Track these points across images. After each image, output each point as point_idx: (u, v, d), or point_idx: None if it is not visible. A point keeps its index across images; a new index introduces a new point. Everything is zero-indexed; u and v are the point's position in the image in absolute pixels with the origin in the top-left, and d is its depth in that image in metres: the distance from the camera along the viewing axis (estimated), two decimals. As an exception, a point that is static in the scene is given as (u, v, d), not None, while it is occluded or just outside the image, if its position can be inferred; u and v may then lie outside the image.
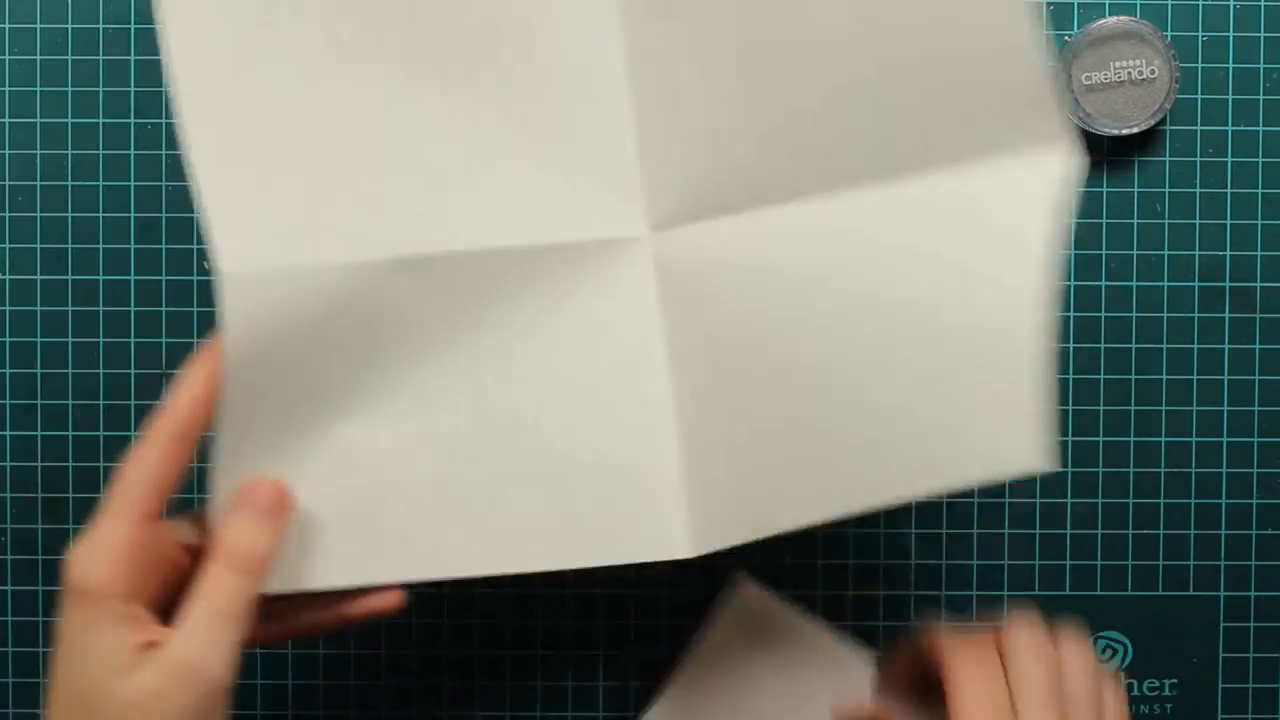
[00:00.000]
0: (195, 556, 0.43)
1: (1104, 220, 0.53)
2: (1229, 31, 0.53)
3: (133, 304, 0.53)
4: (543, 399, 0.44)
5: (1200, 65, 0.53)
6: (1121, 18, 0.52)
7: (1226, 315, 0.54)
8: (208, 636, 0.40)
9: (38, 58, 0.53)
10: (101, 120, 0.53)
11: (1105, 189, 0.53)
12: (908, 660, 0.46)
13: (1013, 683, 0.42)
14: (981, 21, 0.38)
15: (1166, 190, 0.54)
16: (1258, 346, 0.54)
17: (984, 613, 0.54)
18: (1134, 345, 0.54)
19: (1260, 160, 0.54)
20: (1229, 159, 0.54)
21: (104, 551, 0.41)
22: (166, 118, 0.50)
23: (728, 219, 0.42)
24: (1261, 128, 0.54)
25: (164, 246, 0.53)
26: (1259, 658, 0.54)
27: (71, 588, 0.40)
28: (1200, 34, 0.53)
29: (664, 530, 0.44)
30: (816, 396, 0.42)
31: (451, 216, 0.44)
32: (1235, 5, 0.53)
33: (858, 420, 0.42)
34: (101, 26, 0.53)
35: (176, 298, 0.54)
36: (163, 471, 0.42)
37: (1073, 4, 0.53)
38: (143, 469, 0.42)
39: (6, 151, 0.53)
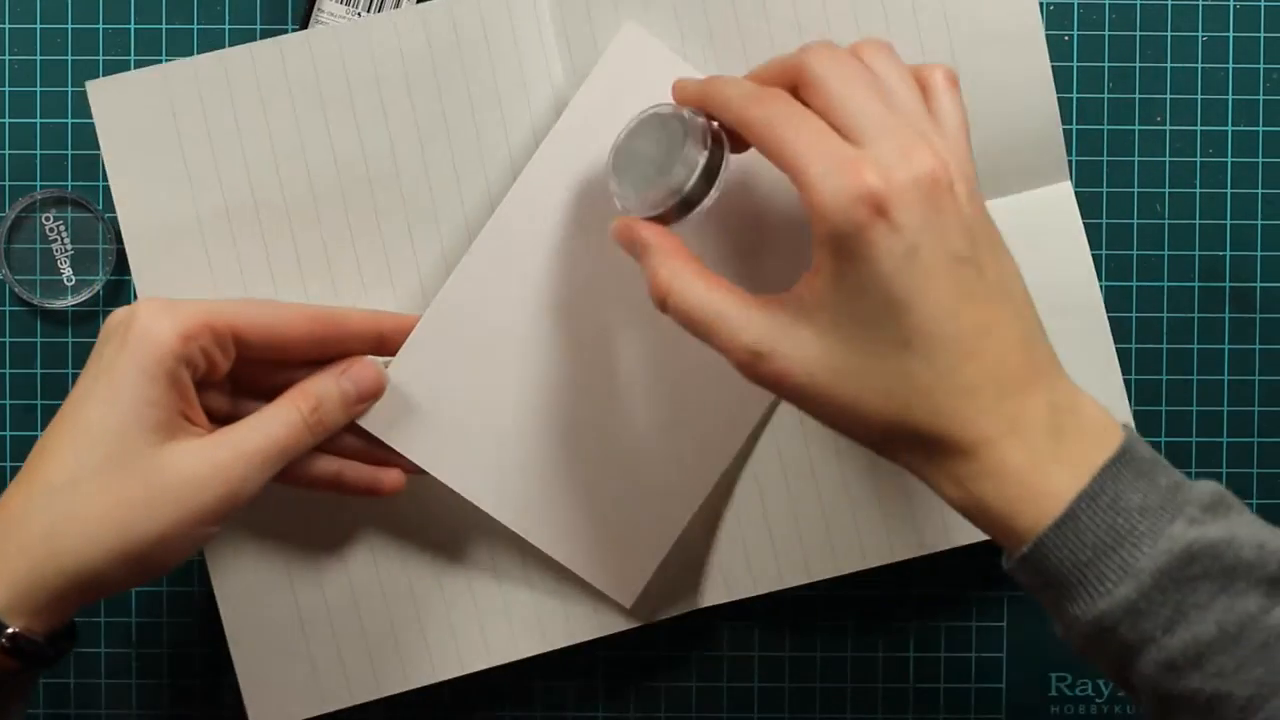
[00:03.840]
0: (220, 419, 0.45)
1: (1104, 220, 0.53)
2: (1229, 31, 0.53)
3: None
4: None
5: (1200, 65, 0.53)
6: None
7: (1226, 315, 0.54)
8: (257, 457, 0.42)
9: (38, 58, 0.53)
10: (101, 120, 0.53)
11: (1105, 189, 0.53)
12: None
13: (833, 112, 0.38)
14: (1012, 98, 0.49)
15: (1166, 190, 0.54)
16: (1258, 346, 0.54)
17: (982, 611, 0.54)
18: (1134, 345, 0.54)
19: (1260, 160, 0.54)
20: (1229, 159, 0.54)
21: (180, 317, 0.42)
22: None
23: None
24: (1261, 128, 0.53)
25: (164, 246, 0.53)
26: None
27: (133, 332, 0.41)
28: (1200, 34, 0.53)
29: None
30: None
31: None
32: (1235, 5, 0.53)
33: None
34: (101, 26, 0.53)
35: (176, 298, 0.53)
36: (274, 320, 0.43)
37: (1072, 4, 0.53)
38: (261, 307, 0.44)
39: (7, 151, 0.53)
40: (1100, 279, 0.53)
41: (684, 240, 0.42)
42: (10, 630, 0.39)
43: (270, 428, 0.43)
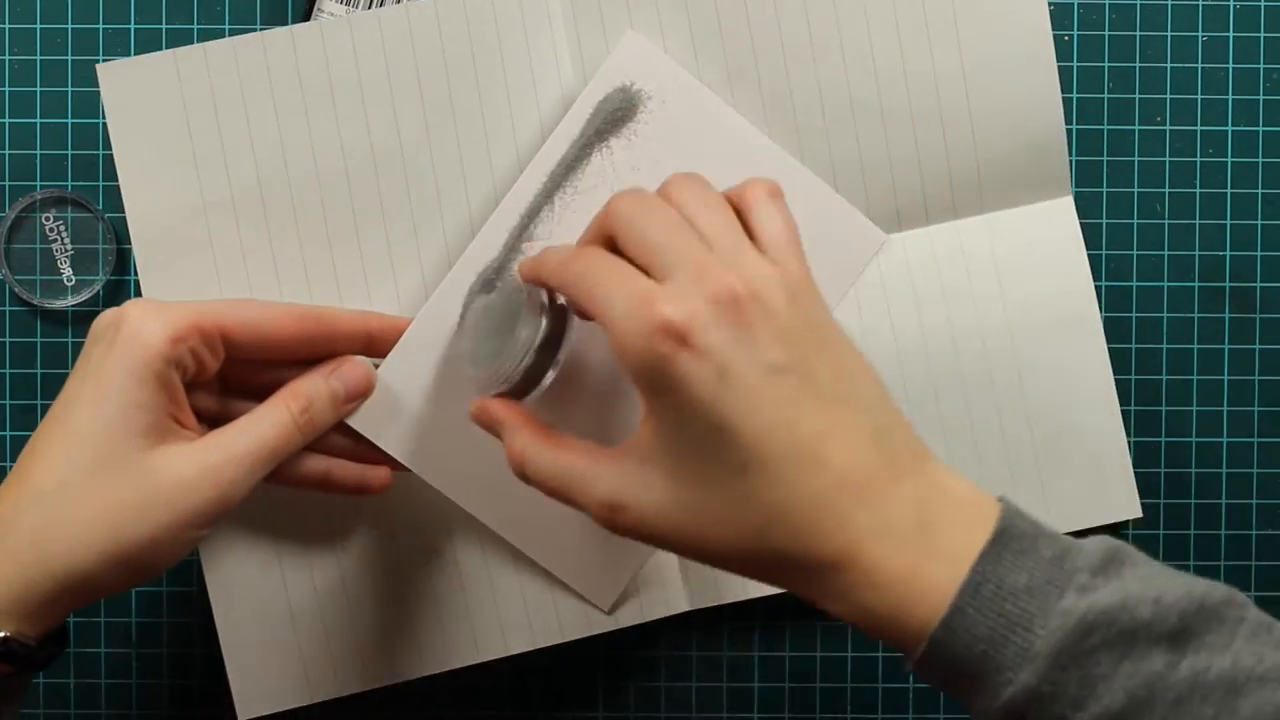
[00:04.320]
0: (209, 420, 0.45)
1: (1104, 220, 0.53)
2: (1229, 31, 0.53)
3: (132, 304, 0.53)
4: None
5: (1200, 65, 0.53)
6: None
7: (1226, 315, 0.54)
8: (247, 460, 0.42)
9: (38, 58, 0.53)
10: (101, 120, 0.53)
11: (1105, 189, 0.53)
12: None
13: (637, 253, 0.38)
14: (1019, 113, 0.51)
15: (1166, 190, 0.54)
16: (1258, 346, 0.54)
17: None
18: (1134, 345, 0.54)
19: (1260, 160, 0.54)
20: (1229, 159, 0.54)
21: (169, 319, 0.41)
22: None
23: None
24: (1261, 128, 0.53)
25: (164, 246, 0.53)
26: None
27: (122, 334, 0.41)
28: (1200, 34, 0.53)
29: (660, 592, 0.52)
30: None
31: None
32: (1235, 5, 0.53)
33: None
34: (101, 26, 0.53)
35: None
36: (262, 319, 0.43)
37: (1073, 4, 0.53)
38: (249, 307, 0.44)
39: (7, 151, 0.53)
40: (1100, 279, 0.53)
41: (548, 400, 0.44)
42: (1, 635, 0.39)
43: (260, 429, 0.43)
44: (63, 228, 0.53)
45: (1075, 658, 0.35)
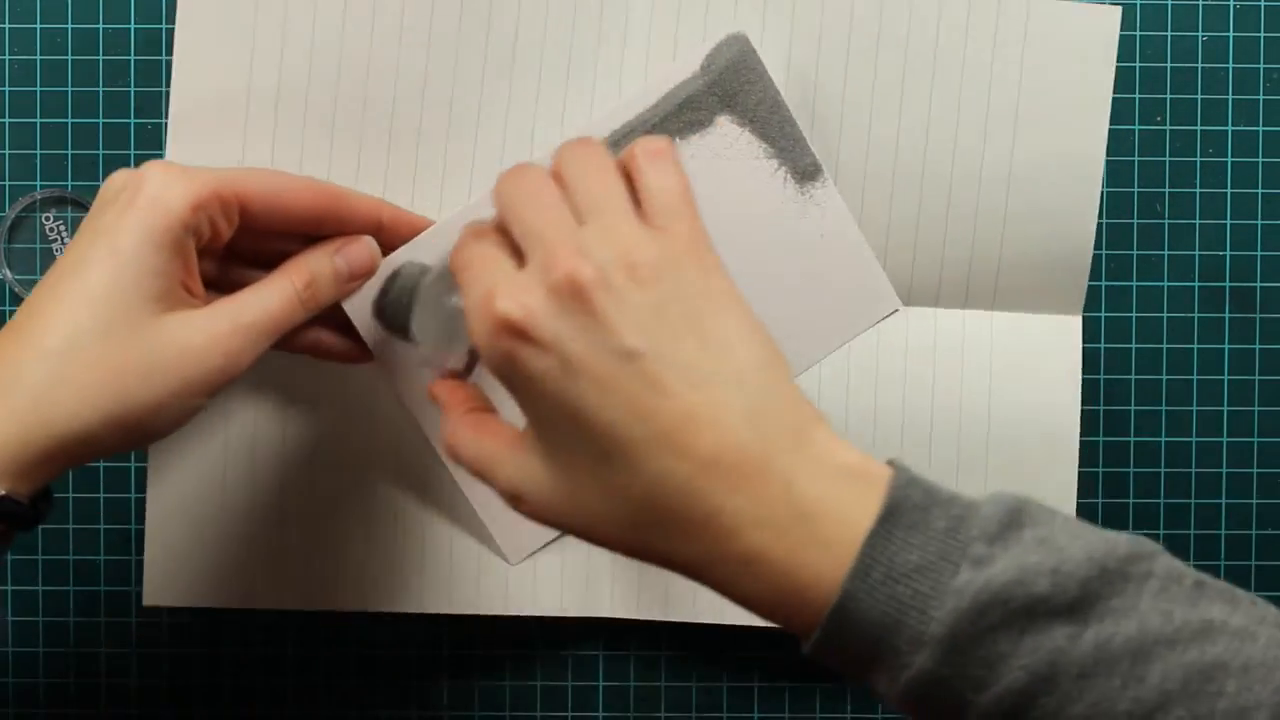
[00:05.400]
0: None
1: (1104, 220, 0.53)
2: (1229, 31, 0.53)
3: (133, 304, 0.53)
4: None
5: (1200, 65, 0.53)
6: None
7: (1226, 315, 0.54)
8: (253, 331, 0.42)
9: (38, 58, 0.53)
10: (101, 120, 0.53)
11: (1105, 189, 0.53)
12: None
13: (513, 239, 0.37)
14: (1055, 219, 0.51)
15: (1166, 190, 0.54)
16: (1258, 346, 0.54)
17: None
18: (1134, 345, 0.54)
19: (1260, 160, 0.54)
20: (1229, 159, 0.54)
21: (193, 185, 0.41)
22: (166, 118, 0.50)
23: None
24: (1261, 128, 0.53)
25: (164, 246, 0.53)
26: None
27: (143, 196, 0.40)
28: (1200, 34, 0.53)
29: (592, 594, 0.52)
30: None
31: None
32: (1235, 5, 0.53)
33: None
34: (101, 26, 0.53)
35: (176, 298, 0.53)
36: (281, 190, 0.43)
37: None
38: (268, 177, 0.43)
39: (7, 151, 0.53)
40: (1100, 279, 0.53)
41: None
42: (3, 493, 0.38)
43: (267, 302, 0.43)
44: (63, 228, 0.53)
45: (972, 639, 0.33)
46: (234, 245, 0.45)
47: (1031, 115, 0.50)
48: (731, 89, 0.49)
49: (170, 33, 0.53)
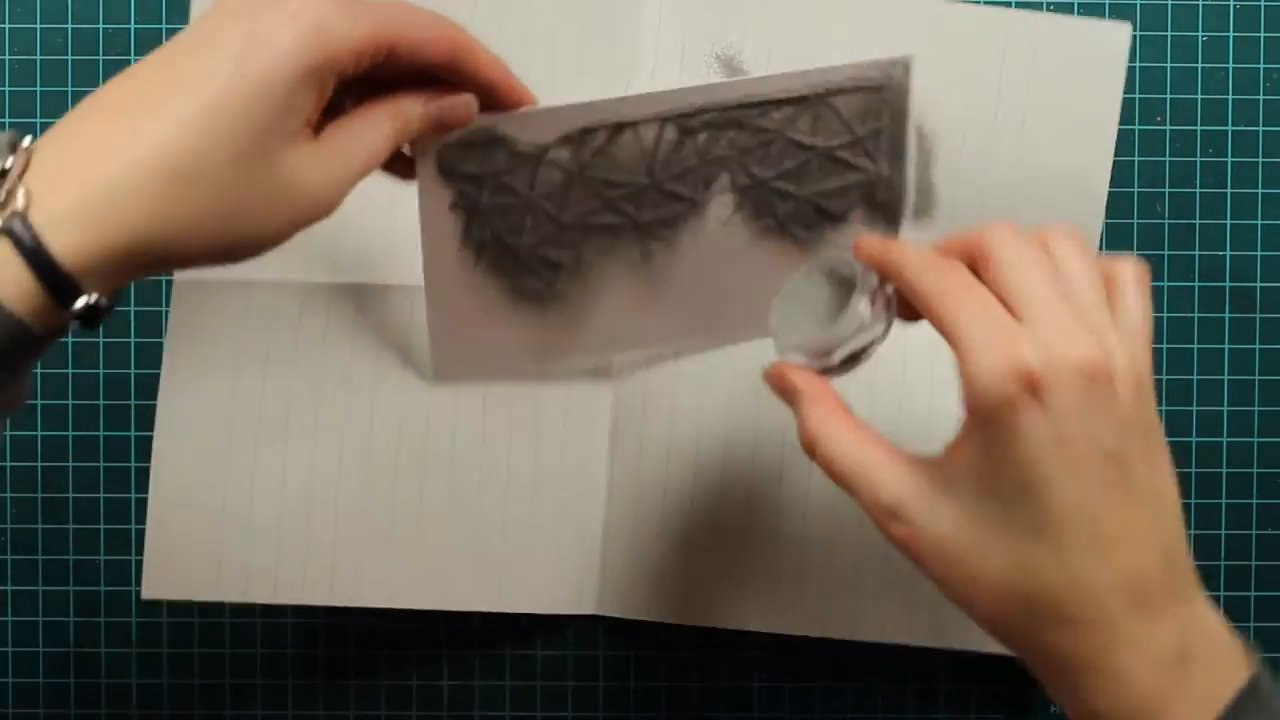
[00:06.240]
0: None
1: (1104, 220, 0.53)
2: (1229, 31, 0.53)
3: (132, 303, 0.53)
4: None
5: (1200, 65, 0.53)
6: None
7: (1226, 315, 0.54)
8: (358, 173, 0.40)
9: (38, 58, 0.53)
10: (101, 120, 0.53)
11: (1106, 188, 0.53)
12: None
13: (1005, 290, 0.38)
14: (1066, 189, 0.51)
15: (1166, 190, 0.54)
16: (1258, 346, 0.54)
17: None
18: (1134, 345, 0.54)
19: (1260, 160, 0.54)
20: (1229, 159, 0.54)
21: (360, 28, 0.38)
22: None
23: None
24: (1261, 128, 0.53)
25: (164, 246, 0.53)
26: (1259, 658, 0.54)
27: (305, 20, 0.37)
28: (1200, 34, 0.53)
29: (579, 591, 0.52)
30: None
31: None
32: (1235, 5, 0.53)
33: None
34: (101, 26, 0.53)
35: (176, 298, 0.53)
36: (425, 43, 0.40)
37: (1073, 4, 0.53)
38: (418, 26, 0.40)
39: (6, 151, 0.53)
40: (1100, 279, 0.53)
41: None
42: (95, 299, 0.36)
43: (374, 147, 0.40)
44: (63, 228, 0.53)
45: None
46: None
47: (1038, 129, 0.50)
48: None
49: (171, 33, 0.53)
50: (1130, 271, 0.39)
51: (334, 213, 0.40)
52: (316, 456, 0.51)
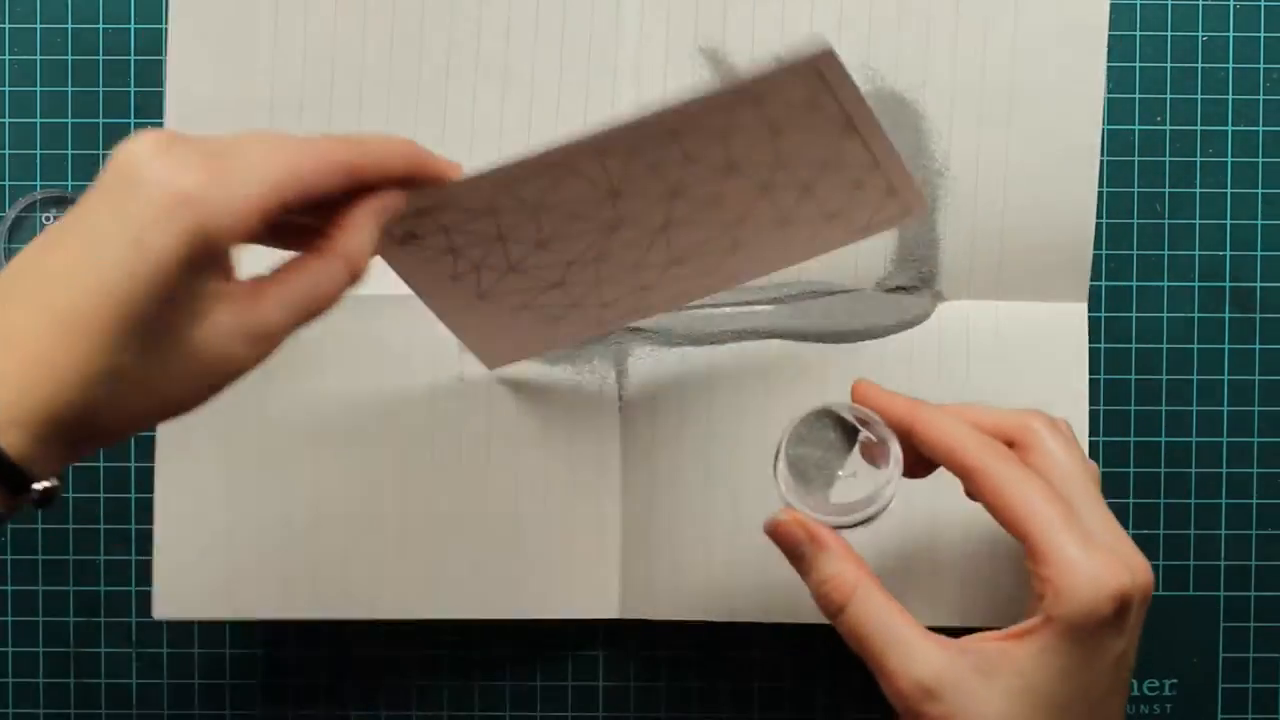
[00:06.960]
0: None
1: (1104, 220, 0.53)
2: (1229, 31, 0.53)
3: (133, 304, 0.53)
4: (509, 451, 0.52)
5: (1200, 65, 0.53)
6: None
7: (1226, 315, 0.54)
8: (289, 326, 0.39)
9: (38, 58, 0.53)
10: (101, 120, 0.53)
11: (1105, 189, 0.53)
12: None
13: (1053, 475, 0.40)
14: (1054, 207, 0.51)
15: (1166, 190, 0.54)
16: (1258, 346, 0.54)
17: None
18: (1134, 345, 0.54)
19: (1260, 160, 0.54)
20: (1229, 159, 0.54)
21: (245, 217, 0.36)
22: (165, 118, 0.50)
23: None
24: (1261, 128, 0.53)
25: (164, 246, 0.53)
26: (1259, 658, 0.54)
27: (189, 222, 0.35)
28: (1200, 34, 0.53)
29: (600, 594, 0.52)
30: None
31: None
32: (1235, 5, 0.53)
33: None
34: (101, 26, 0.53)
35: (176, 298, 0.53)
36: (320, 185, 0.38)
37: None
38: (311, 174, 0.38)
39: (6, 151, 0.53)
40: (1100, 278, 0.53)
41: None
42: (48, 485, 0.36)
43: (301, 291, 0.39)
44: (63, 228, 0.53)
45: None
46: None
47: (1026, 100, 0.50)
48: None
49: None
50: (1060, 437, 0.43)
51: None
52: (323, 470, 0.51)
